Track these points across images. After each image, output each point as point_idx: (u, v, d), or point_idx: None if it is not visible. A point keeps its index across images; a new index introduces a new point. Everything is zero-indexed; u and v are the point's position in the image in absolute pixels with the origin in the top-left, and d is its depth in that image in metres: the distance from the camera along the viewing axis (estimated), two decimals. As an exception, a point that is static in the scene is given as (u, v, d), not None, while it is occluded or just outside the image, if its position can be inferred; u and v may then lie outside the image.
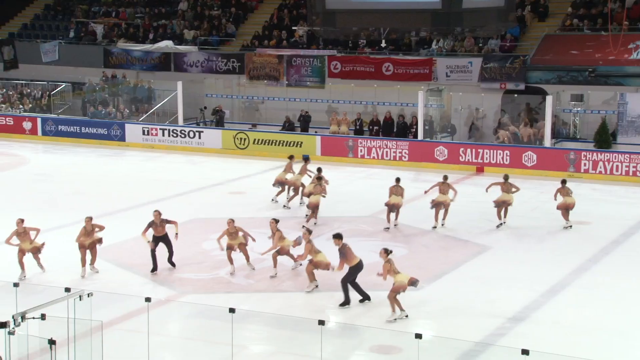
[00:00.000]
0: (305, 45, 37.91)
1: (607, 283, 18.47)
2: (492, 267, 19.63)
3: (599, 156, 29.11)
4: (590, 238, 21.86)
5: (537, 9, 36.16)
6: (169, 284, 17.98)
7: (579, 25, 34.51)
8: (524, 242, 21.73)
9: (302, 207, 24.93)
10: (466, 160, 30.52)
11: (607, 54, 32.26)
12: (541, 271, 18.99)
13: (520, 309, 16.66)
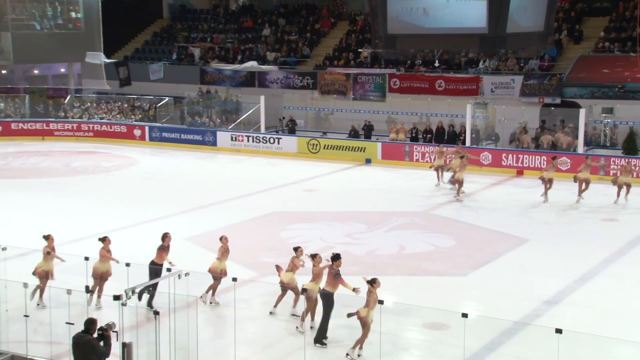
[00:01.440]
0: (369, 65, 37.92)
1: (632, 272, 18.20)
2: (530, 257, 19.43)
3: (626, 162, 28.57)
4: (617, 233, 21.51)
5: (573, 33, 35.62)
6: (253, 267, 18.18)
7: (610, 47, 33.92)
8: (558, 235, 21.44)
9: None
10: (508, 165, 30.20)
11: (635, 72, 31.74)
12: (573, 261, 18.75)
13: (554, 293, 16.47)
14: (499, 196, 26.60)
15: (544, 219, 23.17)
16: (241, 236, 20.97)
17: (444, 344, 12.66)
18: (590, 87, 32.41)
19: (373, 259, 19.08)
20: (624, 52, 33.17)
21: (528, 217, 23.42)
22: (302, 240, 20.40)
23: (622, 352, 12.73)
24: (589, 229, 22.21)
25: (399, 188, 27.96)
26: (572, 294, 16.56)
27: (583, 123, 29.91)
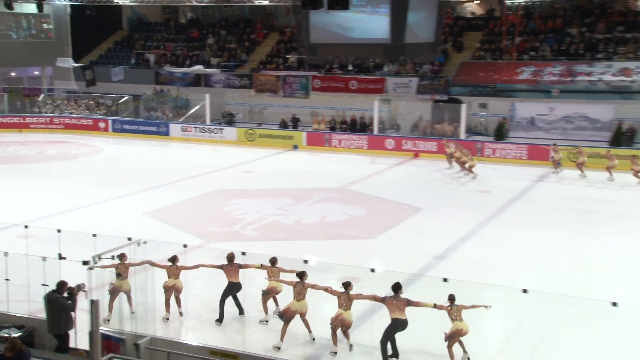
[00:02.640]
0: (296, 68, 37.78)
1: (500, 232, 18.71)
2: (424, 222, 19.79)
3: (497, 146, 29.36)
4: (490, 202, 22.05)
5: (456, 44, 36.19)
6: (200, 235, 18.03)
7: (484, 56, 34.58)
8: (446, 205, 21.84)
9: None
10: (407, 149, 30.60)
11: (503, 75, 32.40)
12: (457, 225, 19.14)
13: (442, 250, 16.84)
14: (399, 174, 27.01)
15: (435, 192, 23.58)
16: (190, 210, 20.82)
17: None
18: (469, 87, 32.99)
19: (299, 227, 19.16)
20: (494, 59, 33.89)
21: (422, 190, 23.81)
22: (241, 212, 20.40)
23: (490, 294, 13.11)
24: (469, 199, 22.67)
25: (320, 169, 28.08)
26: (455, 250, 16.96)
27: (465, 115, 30.56)
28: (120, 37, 45.69)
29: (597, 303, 10.62)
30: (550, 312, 12.71)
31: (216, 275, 12.85)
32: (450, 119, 32.40)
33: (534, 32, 34.83)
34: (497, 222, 19.70)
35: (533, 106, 31.35)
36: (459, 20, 37.86)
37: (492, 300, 13.66)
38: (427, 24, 24.29)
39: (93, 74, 38.54)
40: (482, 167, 26.60)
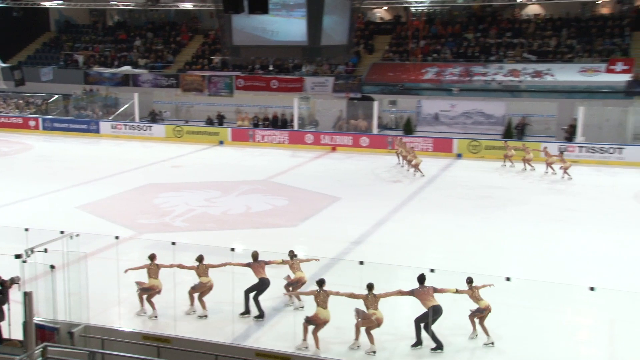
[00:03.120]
0: (220, 69, 37.31)
1: (412, 217, 19.04)
2: (341, 210, 19.89)
3: (406, 139, 29.72)
4: (401, 190, 22.41)
5: (367, 46, 36.58)
6: (131, 227, 17.53)
7: (393, 57, 35.13)
8: (362, 194, 22.06)
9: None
10: (325, 143, 30.73)
11: (410, 75, 32.99)
12: (371, 212, 19.36)
13: (359, 235, 16.97)
14: (319, 167, 27.08)
15: (352, 183, 23.75)
16: (122, 203, 20.22)
17: (281, 278, 12.74)
18: (380, 86, 33.42)
19: (226, 217, 18.93)
20: (402, 60, 34.48)
21: (340, 181, 23.95)
22: (170, 205, 19.96)
23: (403, 275, 13.33)
24: (382, 188, 22.98)
25: (245, 163, 27.82)
26: (370, 236, 17.13)
27: (376, 111, 30.94)
28: (48, 39, 43.83)
29: (494, 279, 10.95)
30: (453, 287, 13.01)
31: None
32: (363, 115, 32.75)
33: (436, 37, 35.63)
34: (407, 209, 20.04)
35: (437, 103, 32.08)
36: (369, 24, 38.27)
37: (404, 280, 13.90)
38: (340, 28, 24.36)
39: (22, 74, 36.74)
40: (393, 159, 27.00)
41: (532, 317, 12.03)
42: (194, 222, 18.25)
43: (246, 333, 11.50)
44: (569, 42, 32.80)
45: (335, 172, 25.75)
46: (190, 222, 18.24)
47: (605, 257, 15.31)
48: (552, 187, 22.64)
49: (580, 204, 20.35)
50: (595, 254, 15.61)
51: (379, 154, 29.01)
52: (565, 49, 32.51)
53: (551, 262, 15.03)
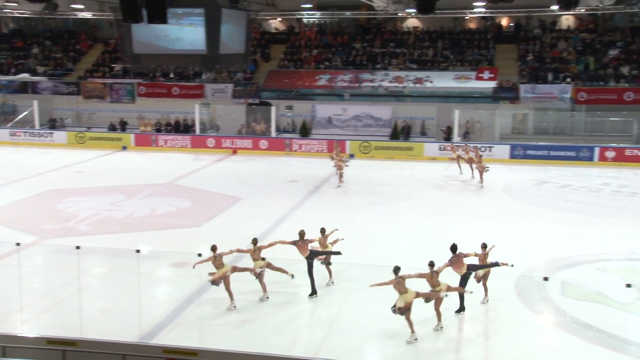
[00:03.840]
0: (121, 76, 35.92)
1: (310, 214, 19.09)
2: (244, 210, 19.68)
3: (302, 141, 30.02)
4: (299, 189, 22.46)
5: (264, 55, 36.47)
6: (35, 234, 16.48)
7: (288, 65, 35.23)
8: (261, 193, 21.90)
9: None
10: (226, 146, 30.33)
11: (305, 82, 33.23)
12: (271, 210, 19.26)
13: (260, 233, 16.73)
14: (221, 169, 26.68)
15: (252, 183, 23.55)
16: (24, 210, 18.98)
17: (187, 276, 12.43)
18: (277, 92, 33.43)
19: (131, 220, 18.23)
20: (296, 68, 34.68)
21: (241, 182, 23.70)
22: (74, 209, 18.96)
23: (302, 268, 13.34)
24: (281, 188, 22.86)
25: (148, 167, 26.92)
26: (272, 233, 16.99)
27: (274, 116, 30.89)
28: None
29: (386, 269, 11.17)
30: (352, 279, 13.22)
31: (50, 269, 11.80)
32: (262, 119, 32.61)
33: (327, 46, 36.09)
34: (306, 206, 20.12)
35: (330, 107, 32.48)
36: (265, 34, 38.16)
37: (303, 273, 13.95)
38: (238, 37, 24.15)
39: None
40: (291, 160, 27.08)
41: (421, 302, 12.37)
42: (98, 226, 17.42)
43: (153, 331, 11.10)
44: (444, 53, 34.23)
45: (237, 173, 25.46)
46: (94, 226, 17.40)
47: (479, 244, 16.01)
48: (434, 183, 23.47)
49: (459, 198, 21.24)
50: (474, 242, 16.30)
51: (277, 156, 29.00)
52: (441, 59, 33.90)
53: (436, 251, 15.56)
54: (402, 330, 11.13)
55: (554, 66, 31.97)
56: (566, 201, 20.42)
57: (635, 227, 17.33)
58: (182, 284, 13.04)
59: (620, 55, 31.85)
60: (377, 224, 18.02)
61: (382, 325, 11.30)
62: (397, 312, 10.71)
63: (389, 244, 16.33)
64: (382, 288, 10.75)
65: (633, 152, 26.25)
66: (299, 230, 12.67)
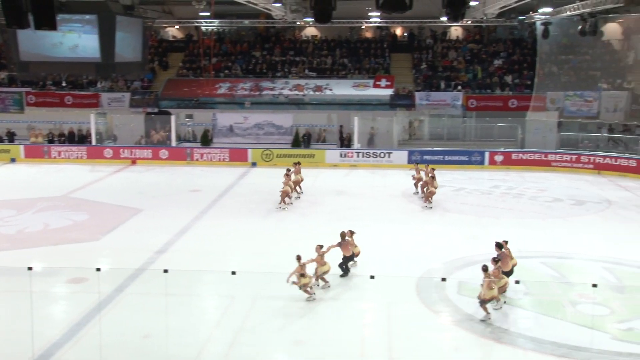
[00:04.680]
0: (7, 85, 33.79)
1: (214, 223, 18.84)
2: (144, 221, 19.10)
3: (204, 150, 29.55)
4: (201, 199, 22.07)
5: (162, 63, 35.63)
6: None
7: (187, 74, 34.61)
8: (163, 204, 21.34)
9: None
10: (125, 157, 29.28)
11: (204, 90, 32.85)
12: (174, 221, 18.83)
13: (162, 244, 16.44)
14: (119, 180, 25.73)
15: (153, 194, 22.89)
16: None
17: (85, 292, 11.87)
18: (177, 100, 32.78)
19: (22, 236, 17.18)
20: (196, 76, 34.17)
21: (141, 193, 22.98)
22: (-44, 228, 17.58)
23: (207, 278, 13.19)
24: (183, 198, 22.35)
25: (41, 179, 25.45)
26: (174, 244, 16.66)
27: (174, 125, 30.24)
28: None
29: (292, 275, 11.21)
30: (257, 288, 13.15)
31: None
32: (161, 128, 31.77)
33: (227, 54, 35.82)
34: (209, 216, 19.81)
35: (231, 116, 32.20)
36: (162, 42, 37.30)
37: (208, 283, 13.75)
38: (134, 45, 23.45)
39: None
40: (192, 169, 26.56)
41: (325, 307, 12.52)
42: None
43: (48, 352, 10.49)
44: (342, 61, 34.95)
45: (137, 184, 24.65)
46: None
47: (382, 247, 16.48)
48: (336, 189, 23.83)
49: (360, 202, 21.69)
50: (374, 245, 16.73)
51: (178, 165, 28.37)
52: (339, 67, 34.59)
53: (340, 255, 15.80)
54: (308, 337, 11.21)
55: (445, 75, 33.51)
56: (461, 204, 21.41)
57: (523, 227, 18.46)
58: (79, 301, 12.43)
59: (503, 65, 33.90)
60: (282, 232, 18.04)
61: (289, 331, 11.33)
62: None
63: (295, 251, 16.36)
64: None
65: (518, 156, 27.98)
66: (341, 232, 14.26)
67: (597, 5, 22.91)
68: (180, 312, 11.91)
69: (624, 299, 12.90)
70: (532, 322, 11.93)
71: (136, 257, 15.32)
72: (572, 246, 16.44)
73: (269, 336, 11.22)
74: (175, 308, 11.98)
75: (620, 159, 26.30)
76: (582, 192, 23.00)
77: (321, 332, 11.44)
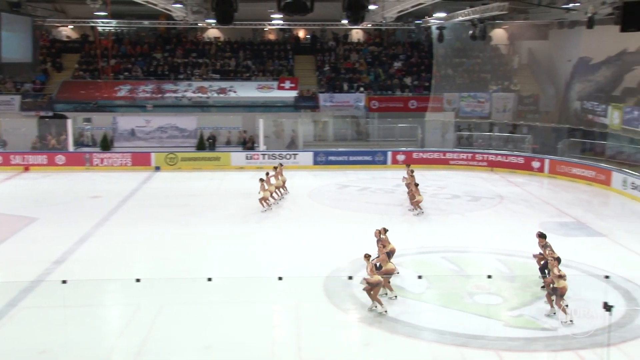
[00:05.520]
0: None
1: (117, 231, 18.21)
2: (40, 231, 18.06)
3: (104, 155, 28.42)
4: (103, 206, 21.18)
5: (55, 64, 33.92)
6: None
7: (84, 75, 33.16)
8: (61, 213, 20.28)
9: None
10: (16, 163, 27.59)
11: (103, 93, 31.66)
12: (73, 229, 17.93)
13: (60, 254, 15.68)
14: (11, 188, 24.27)
15: (50, 202, 21.74)
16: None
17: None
18: (74, 103, 31.36)
19: None
20: (93, 78, 32.86)
21: (36, 201, 21.76)
22: None
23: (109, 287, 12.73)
24: (83, 205, 21.42)
25: None
26: (73, 253, 15.95)
27: (71, 129, 28.89)
28: None
29: (198, 281, 11.06)
30: (163, 295, 12.83)
31: None
32: (57, 133, 30.24)
33: (126, 56, 34.68)
34: (111, 223, 19.11)
35: (132, 119, 31.20)
36: (55, 42, 35.50)
37: (111, 292, 13.28)
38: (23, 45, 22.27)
39: None
40: (92, 175, 25.49)
41: (233, 310, 12.43)
42: None
43: None
44: (245, 63, 34.79)
45: (31, 192, 23.32)
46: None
47: (289, 248, 16.57)
48: (243, 192, 23.68)
49: (266, 204, 21.64)
50: (280, 247, 16.79)
51: (76, 171, 27.13)
52: (243, 69, 34.40)
53: (247, 258, 15.75)
54: (217, 341, 11.09)
55: (348, 76, 34.19)
56: (365, 203, 21.91)
57: (424, 223, 19.18)
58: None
59: (403, 67, 35.07)
60: (189, 236, 17.71)
61: (198, 336, 11.14)
62: None
63: (202, 254, 16.15)
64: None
65: (419, 155, 29.02)
66: (375, 232, 14.17)
67: (485, 12, 24.26)
68: (81, 324, 11.41)
69: (515, 288, 13.72)
70: (434, 315, 12.43)
71: (31, 269, 14.52)
72: (470, 240, 17.28)
73: (177, 343, 10.99)
74: (75, 320, 11.46)
75: (510, 156, 27.93)
76: (477, 188, 24.21)
77: (230, 335, 11.35)
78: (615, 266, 14.59)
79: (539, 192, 23.58)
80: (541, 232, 13.98)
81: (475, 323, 11.80)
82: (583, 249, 15.88)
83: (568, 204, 21.55)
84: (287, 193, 22.56)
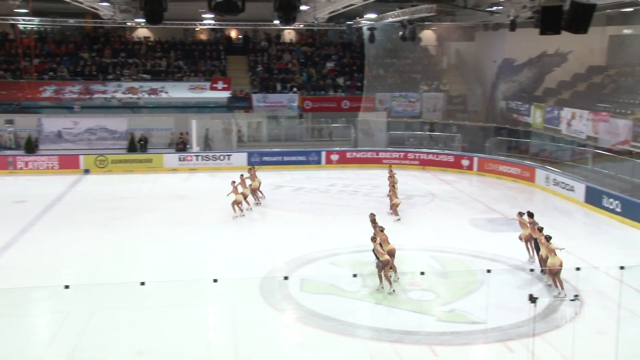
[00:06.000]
0: None
1: (44, 236, 17.52)
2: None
3: (29, 158, 27.33)
4: (28, 210, 20.44)
5: None
6: None
7: (5, 75, 31.69)
8: None
9: None
10: None
11: (26, 94, 30.48)
12: (-5, 237, 17.21)
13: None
14: None
15: None
16: None
17: None
18: (-5, 105, 30.04)
19: None
20: (15, 79, 31.49)
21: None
22: None
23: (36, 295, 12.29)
24: (5, 210, 20.56)
25: None
26: (-3, 262, 15.30)
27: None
28: None
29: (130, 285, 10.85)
30: (94, 301, 12.50)
31: None
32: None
33: (51, 55, 33.42)
34: (37, 228, 18.44)
35: (59, 121, 30.13)
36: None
37: (38, 300, 12.84)
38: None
39: None
40: (16, 179, 24.46)
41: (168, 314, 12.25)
42: None
43: None
44: (177, 63, 34.23)
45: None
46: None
47: (224, 250, 16.46)
48: (175, 194, 23.33)
49: (201, 207, 21.43)
50: (215, 249, 16.67)
51: (3, 175, 25.95)
52: (175, 69, 33.84)
53: (181, 261, 15.55)
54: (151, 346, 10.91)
55: (281, 77, 34.22)
56: (300, 203, 22.02)
57: (359, 223, 19.41)
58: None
59: (335, 67, 35.43)
60: (121, 240, 17.31)
61: (131, 341, 10.93)
62: None
63: (134, 259, 15.82)
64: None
65: (352, 155, 29.41)
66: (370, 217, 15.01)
67: (414, 14, 24.86)
68: (5, 335, 10.96)
69: (447, 283, 14.17)
70: (370, 312, 12.66)
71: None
72: (404, 238, 17.65)
73: (109, 349, 10.74)
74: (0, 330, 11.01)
75: (441, 155, 28.74)
76: (410, 186, 24.77)
77: (165, 340, 11.19)
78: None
79: (468, 190, 24.38)
80: (529, 211, 14.99)
81: (409, 319, 12.10)
82: (510, 244, 16.56)
83: (496, 201, 22.39)
84: (263, 197, 21.73)
